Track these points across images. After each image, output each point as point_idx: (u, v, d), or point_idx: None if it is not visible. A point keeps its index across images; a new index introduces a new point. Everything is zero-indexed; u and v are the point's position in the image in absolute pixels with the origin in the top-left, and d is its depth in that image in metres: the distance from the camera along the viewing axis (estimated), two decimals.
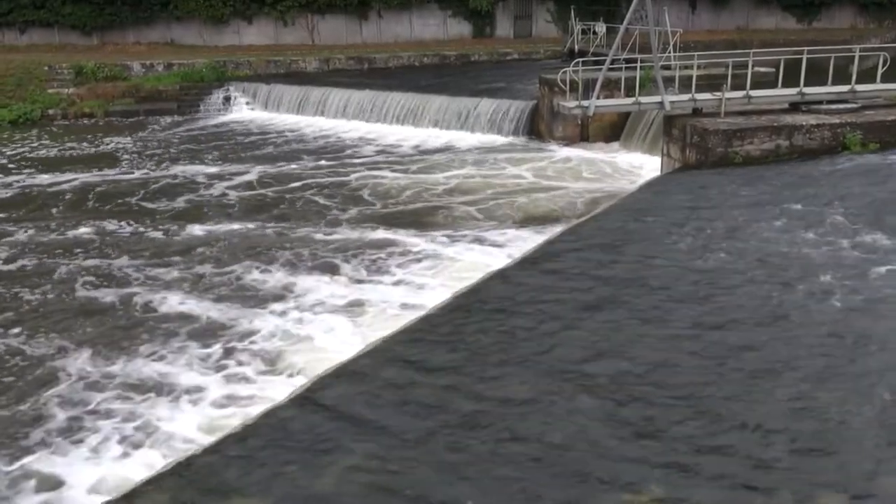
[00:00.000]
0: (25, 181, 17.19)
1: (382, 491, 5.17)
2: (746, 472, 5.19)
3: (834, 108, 14.50)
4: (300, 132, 22.52)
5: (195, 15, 32.84)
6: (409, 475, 5.32)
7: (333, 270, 10.89)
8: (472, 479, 5.25)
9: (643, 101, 14.68)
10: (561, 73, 16.65)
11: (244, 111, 26.08)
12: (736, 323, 7.43)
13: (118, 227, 13.51)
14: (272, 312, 9.55)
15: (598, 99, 14.67)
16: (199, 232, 13.00)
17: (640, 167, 16.52)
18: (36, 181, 17.16)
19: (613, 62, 14.77)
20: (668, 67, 16.69)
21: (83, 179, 17.19)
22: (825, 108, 14.50)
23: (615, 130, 19.07)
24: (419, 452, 5.57)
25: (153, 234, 13.02)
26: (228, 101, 26.47)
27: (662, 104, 14.37)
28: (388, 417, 6.03)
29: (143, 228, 13.34)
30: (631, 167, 16.76)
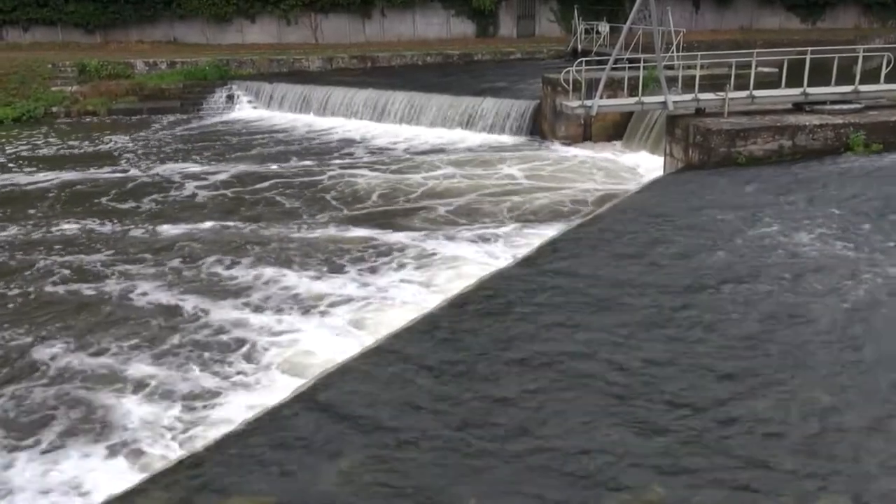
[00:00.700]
0: (23, 179, 17.22)
1: (383, 490, 5.17)
2: (747, 472, 5.18)
3: (837, 108, 14.47)
4: (302, 131, 22.50)
5: (198, 13, 32.86)
6: (409, 474, 5.32)
7: (339, 268, 10.93)
8: (472, 478, 5.25)
9: (646, 100, 14.65)
10: (564, 72, 16.66)
11: (247, 110, 26.09)
12: (737, 323, 7.42)
13: (120, 225, 13.52)
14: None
15: (601, 99, 14.65)
16: (203, 228, 13.05)
17: (642, 167, 16.49)
18: (35, 179, 17.20)
19: (616, 62, 14.74)
20: (671, 67, 16.65)
21: (83, 178, 17.22)
22: (829, 108, 14.47)
23: (618, 130, 19.05)
24: (420, 451, 5.57)
25: (160, 229, 13.06)
26: (231, 99, 26.48)
27: (665, 104, 14.35)
28: (388, 416, 6.03)
29: (149, 226, 13.36)
30: (633, 167, 16.74)
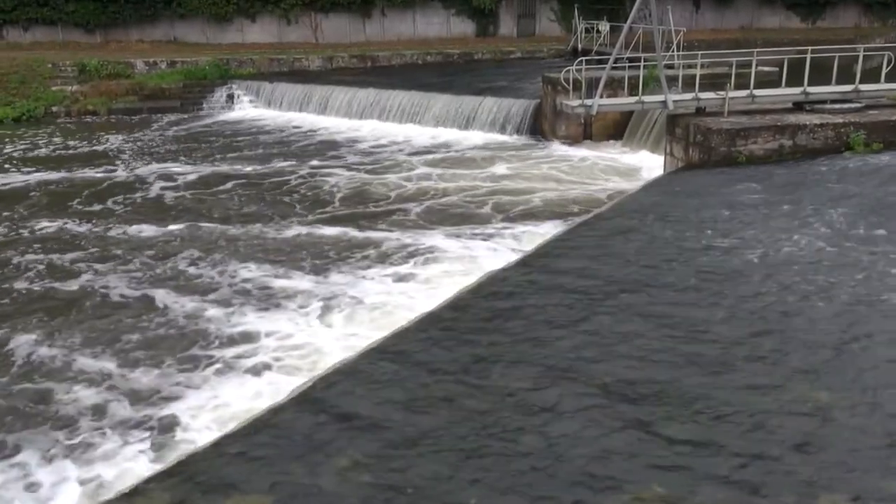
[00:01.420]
0: (23, 177, 17.24)
1: (384, 490, 5.16)
2: (748, 471, 5.17)
3: (838, 107, 14.45)
4: (302, 130, 22.50)
5: (198, 13, 32.86)
6: (409, 474, 5.32)
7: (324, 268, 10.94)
8: (473, 477, 5.24)
9: (646, 100, 14.65)
10: (564, 71, 16.65)
11: (247, 109, 26.09)
12: (738, 322, 7.42)
13: (119, 225, 13.53)
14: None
15: (601, 98, 14.65)
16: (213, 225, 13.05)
17: (643, 166, 16.47)
18: (32, 178, 17.20)
19: (617, 61, 14.73)
20: (671, 66, 16.65)
21: (82, 176, 17.22)
22: (829, 107, 14.46)
23: (618, 129, 19.04)
24: (420, 451, 5.57)
25: (160, 229, 13.06)
26: (231, 99, 26.48)
27: (666, 103, 14.35)
28: (388, 416, 6.03)
29: (151, 225, 13.37)
30: (634, 166, 16.73)
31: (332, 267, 11.00)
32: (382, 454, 5.53)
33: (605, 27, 26.77)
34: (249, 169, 17.61)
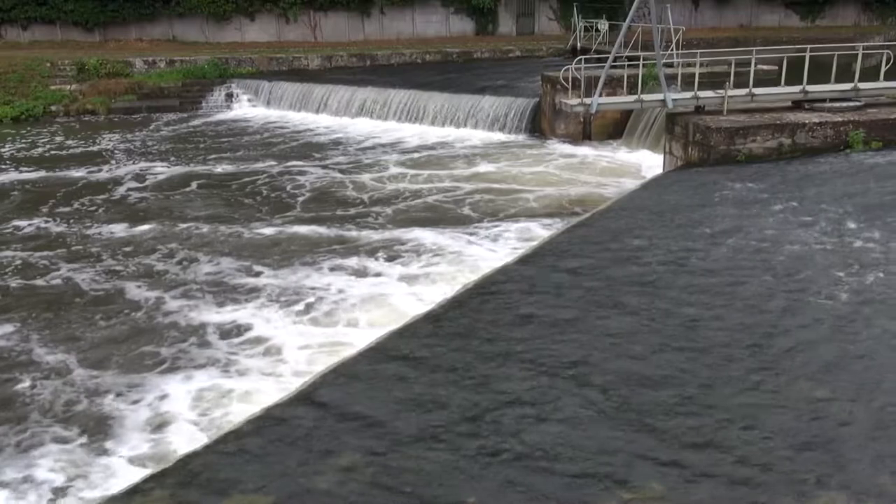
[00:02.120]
0: (23, 176, 17.23)
1: (383, 489, 5.16)
2: (747, 470, 5.18)
3: (837, 106, 14.45)
4: (302, 129, 22.49)
5: (197, 11, 32.83)
6: (409, 474, 5.32)
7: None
8: (472, 476, 5.24)
9: (646, 98, 14.64)
10: (563, 70, 16.66)
11: (246, 108, 26.07)
12: (737, 321, 7.41)
13: (121, 225, 13.54)
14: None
15: (600, 96, 14.64)
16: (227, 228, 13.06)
17: (642, 165, 16.48)
18: (34, 177, 17.19)
19: (616, 60, 14.73)
20: (670, 65, 16.64)
21: (80, 175, 17.21)
22: (828, 106, 14.45)
23: (618, 128, 19.04)
24: (419, 450, 5.57)
25: (160, 228, 13.07)
26: (230, 98, 26.46)
27: (665, 102, 14.34)
28: (388, 415, 6.03)
29: (154, 224, 13.38)
30: (633, 165, 16.73)
31: (346, 264, 11.03)
32: (381, 454, 5.53)
33: (604, 26, 26.78)
34: (250, 168, 17.61)
